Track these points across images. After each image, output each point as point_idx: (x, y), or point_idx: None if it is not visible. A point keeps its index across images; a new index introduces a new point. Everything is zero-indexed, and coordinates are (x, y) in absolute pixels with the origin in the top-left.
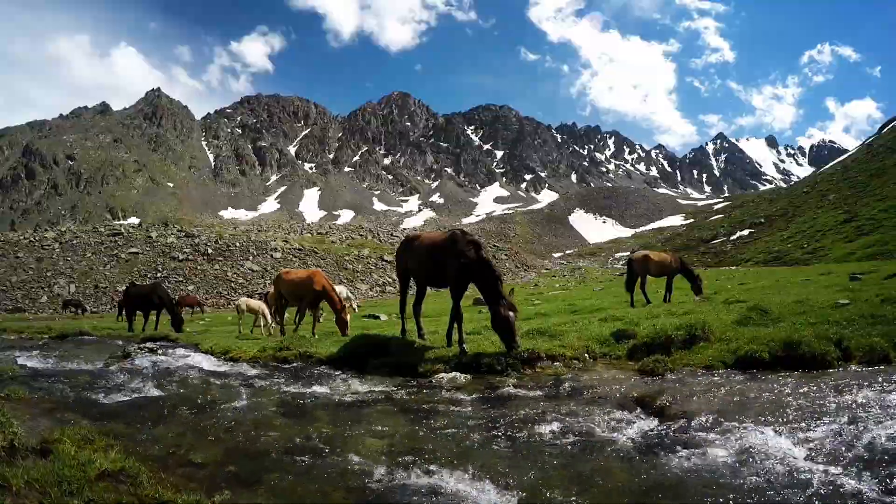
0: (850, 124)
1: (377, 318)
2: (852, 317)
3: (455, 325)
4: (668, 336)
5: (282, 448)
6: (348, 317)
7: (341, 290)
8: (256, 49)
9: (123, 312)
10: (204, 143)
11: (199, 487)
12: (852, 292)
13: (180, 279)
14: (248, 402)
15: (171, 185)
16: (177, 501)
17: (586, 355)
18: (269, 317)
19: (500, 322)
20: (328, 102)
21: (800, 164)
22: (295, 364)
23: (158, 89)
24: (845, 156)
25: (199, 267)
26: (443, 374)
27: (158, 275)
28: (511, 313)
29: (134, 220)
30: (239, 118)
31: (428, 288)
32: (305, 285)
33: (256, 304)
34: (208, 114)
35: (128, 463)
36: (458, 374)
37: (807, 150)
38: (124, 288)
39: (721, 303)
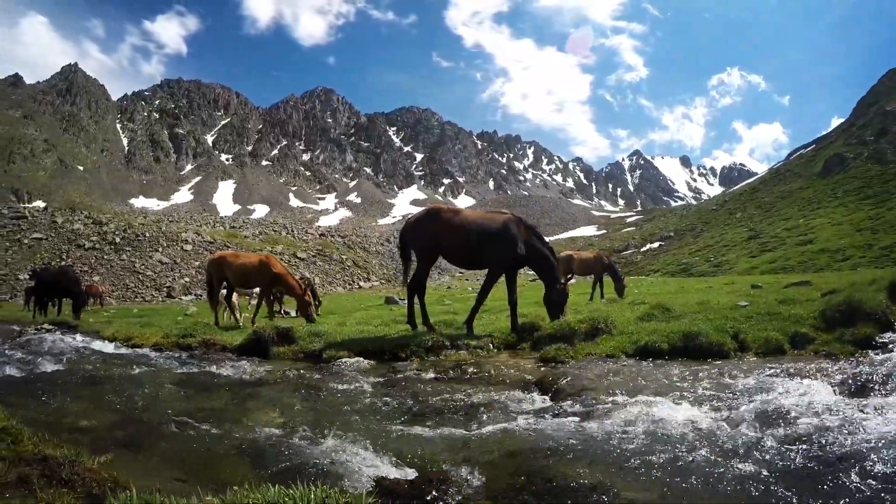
0: (756, 147)
1: (288, 313)
2: (750, 314)
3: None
4: (571, 329)
5: (175, 418)
6: (310, 300)
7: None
8: (171, 29)
9: (32, 300)
10: (119, 125)
11: (83, 448)
12: (752, 297)
13: (86, 268)
14: (145, 379)
15: (81, 168)
16: (55, 455)
17: (490, 345)
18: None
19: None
20: (245, 93)
21: (710, 184)
22: (197, 350)
23: (76, 64)
24: (754, 178)
25: (105, 256)
26: (346, 359)
27: (63, 263)
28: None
29: (40, 204)
30: (157, 102)
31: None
32: (259, 271)
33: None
34: (125, 95)
35: (11, 423)
36: (362, 359)
37: (718, 171)
38: (32, 272)
39: (627, 304)
